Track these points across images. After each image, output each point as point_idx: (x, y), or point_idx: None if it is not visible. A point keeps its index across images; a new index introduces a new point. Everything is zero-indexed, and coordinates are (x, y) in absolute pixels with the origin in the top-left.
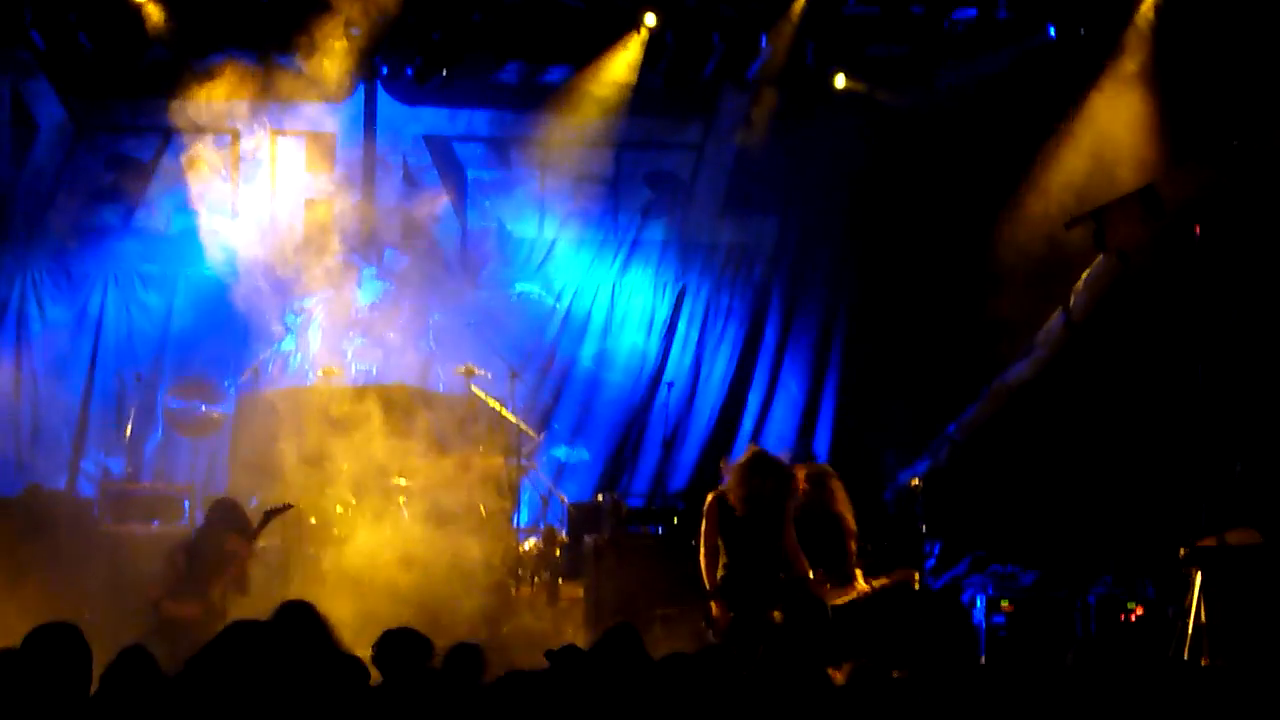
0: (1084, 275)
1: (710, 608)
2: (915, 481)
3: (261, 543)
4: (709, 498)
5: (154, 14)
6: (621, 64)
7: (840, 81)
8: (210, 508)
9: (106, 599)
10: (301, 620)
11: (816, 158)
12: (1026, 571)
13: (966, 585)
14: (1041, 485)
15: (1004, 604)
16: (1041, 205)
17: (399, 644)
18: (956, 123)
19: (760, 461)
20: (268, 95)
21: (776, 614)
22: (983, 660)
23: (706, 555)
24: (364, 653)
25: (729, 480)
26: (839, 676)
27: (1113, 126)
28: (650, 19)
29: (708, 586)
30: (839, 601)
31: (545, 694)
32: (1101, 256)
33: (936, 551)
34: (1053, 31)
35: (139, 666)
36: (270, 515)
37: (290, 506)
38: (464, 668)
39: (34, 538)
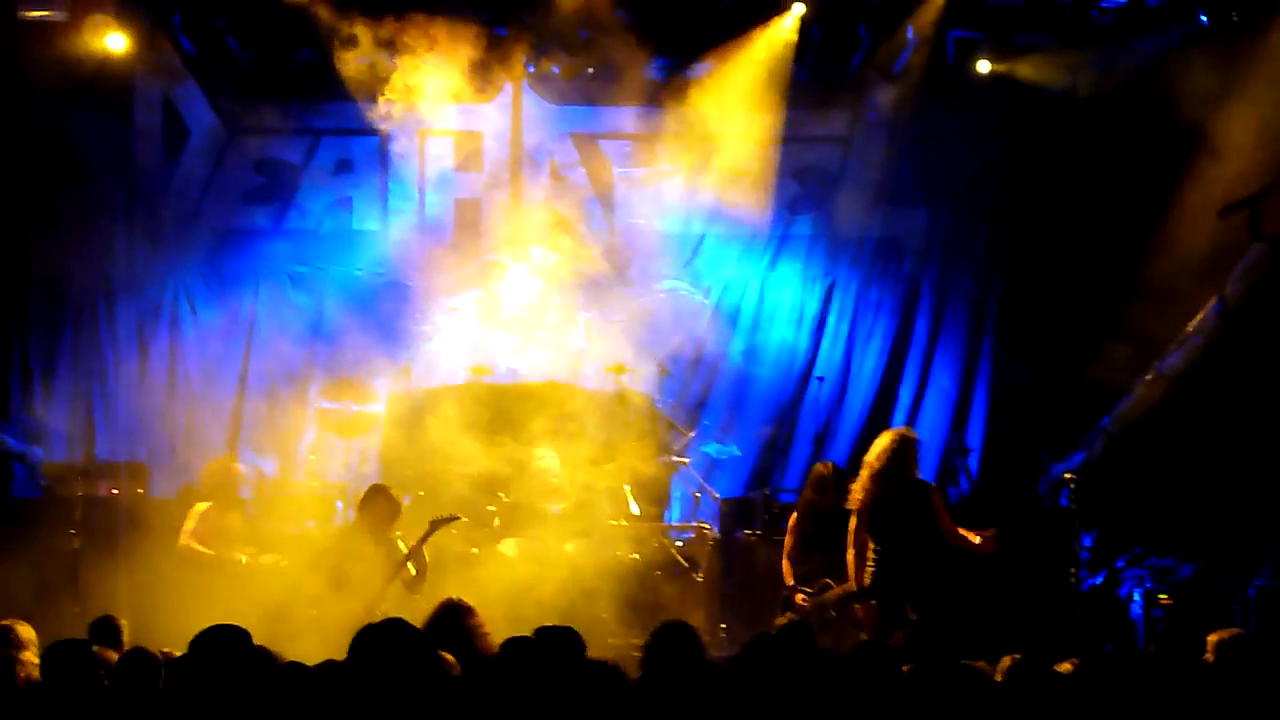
0: (1239, 263)
1: (856, 608)
2: (1069, 474)
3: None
4: (856, 496)
5: (323, 14)
6: (768, 58)
7: (984, 67)
8: (371, 501)
9: (264, 600)
10: (454, 621)
11: (964, 148)
12: (1185, 564)
13: (1124, 578)
14: (1199, 476)
15: (1162, 597)
16: (1196, 193)
17: (553, 641)
18: (1106, 111)
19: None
20: (416, 96)
21: (909, 610)
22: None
23: (855, 551)
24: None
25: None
26: (994, 671)
27: (1268, 112)
28: (799, 7)
29: (854, 586)
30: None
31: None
32: (1257, 244)
33: (1091, 545)
34: (1205, 17)
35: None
36: (436, 525)
37: (457, 518)
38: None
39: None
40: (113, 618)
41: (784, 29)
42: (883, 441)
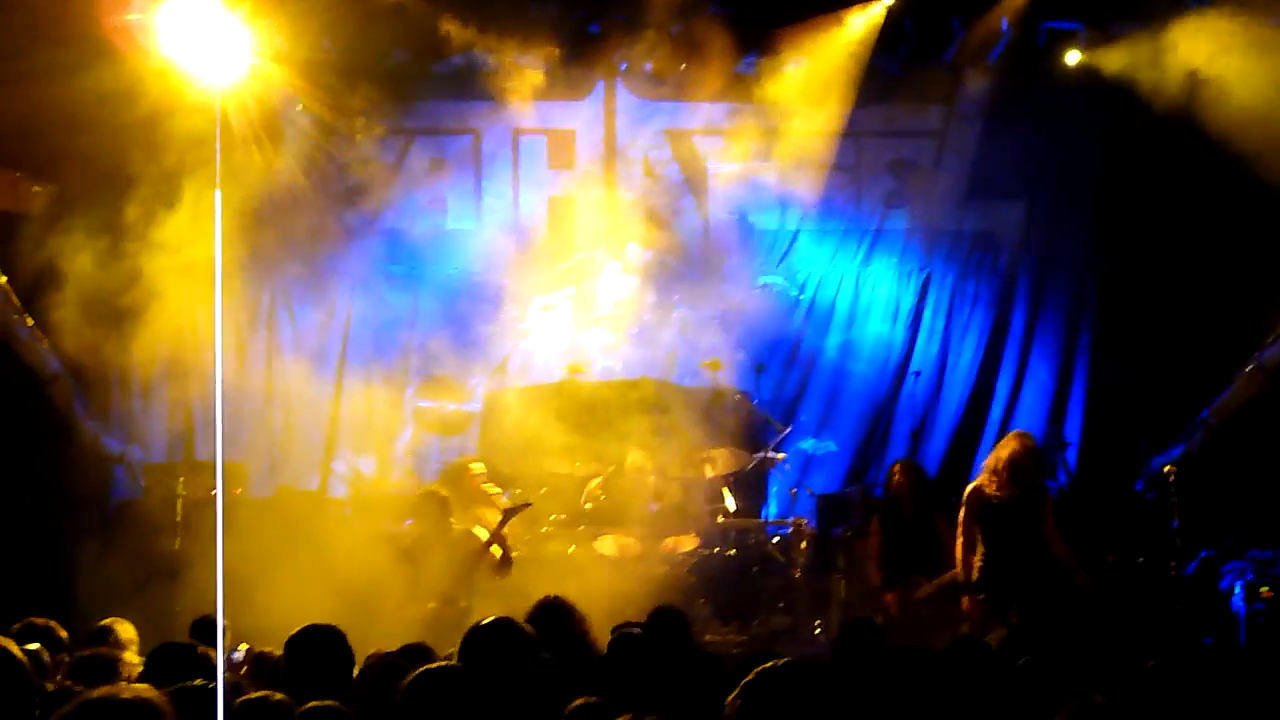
0: None
1: (963, 600)
2: (1169, 467)
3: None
4: (968, 488)
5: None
6: (859, 51)
7: (1073, 58)
8: (421, 503)
9: (361, 599)
10: (556, 616)
11: (1060, 139)
12: None
13: (1225, 572)
14: None
15: (1264, 590)
16: None
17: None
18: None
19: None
20: (509, 95)
21: (1014, 613)
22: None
23: (964, 546)
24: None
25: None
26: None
27: None
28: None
29: (962, 579)
30: None
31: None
32: None
33: (1191, 538)
34: None
35: (394, 669)
36: (509, 514)
37: (529, 505)
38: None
39: (288, 539)
40: (213, 618)
41: (873, 22)
42: (1011, 445)
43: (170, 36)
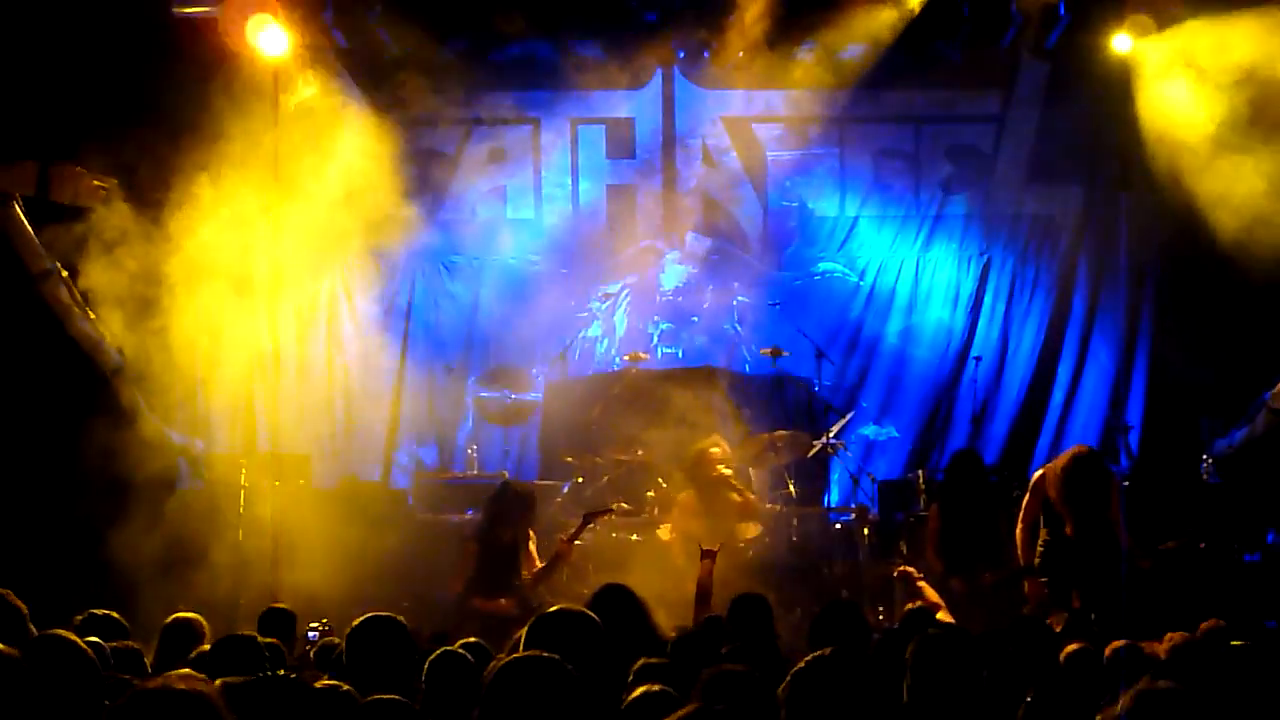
0: None
1: (1025, 583)
2: (1231, 449)
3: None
4: (1037, 474)
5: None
6: (918, 37)
7: (1123, 44)
8: (498, 496)
9: (424, 590)
10: (620, 603)
11: (1119, 123)
12: None
13: None
14: None
15: None
16: None
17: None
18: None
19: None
20: (567, 83)
21: (1075, 596)
22: None
23: (1025, 530)
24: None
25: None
26: (1159, 649)
27: None
28: None
29: (1022, 561)
30: None
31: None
32: None
33: (1255, 521)
34: None
35: (453, 658)
36: (590, 518)
37: (612, 511)
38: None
39: (352, 530)
40: (283, 607)
41: (931, 5)
42: (1064, 460)
43: (233, 29)
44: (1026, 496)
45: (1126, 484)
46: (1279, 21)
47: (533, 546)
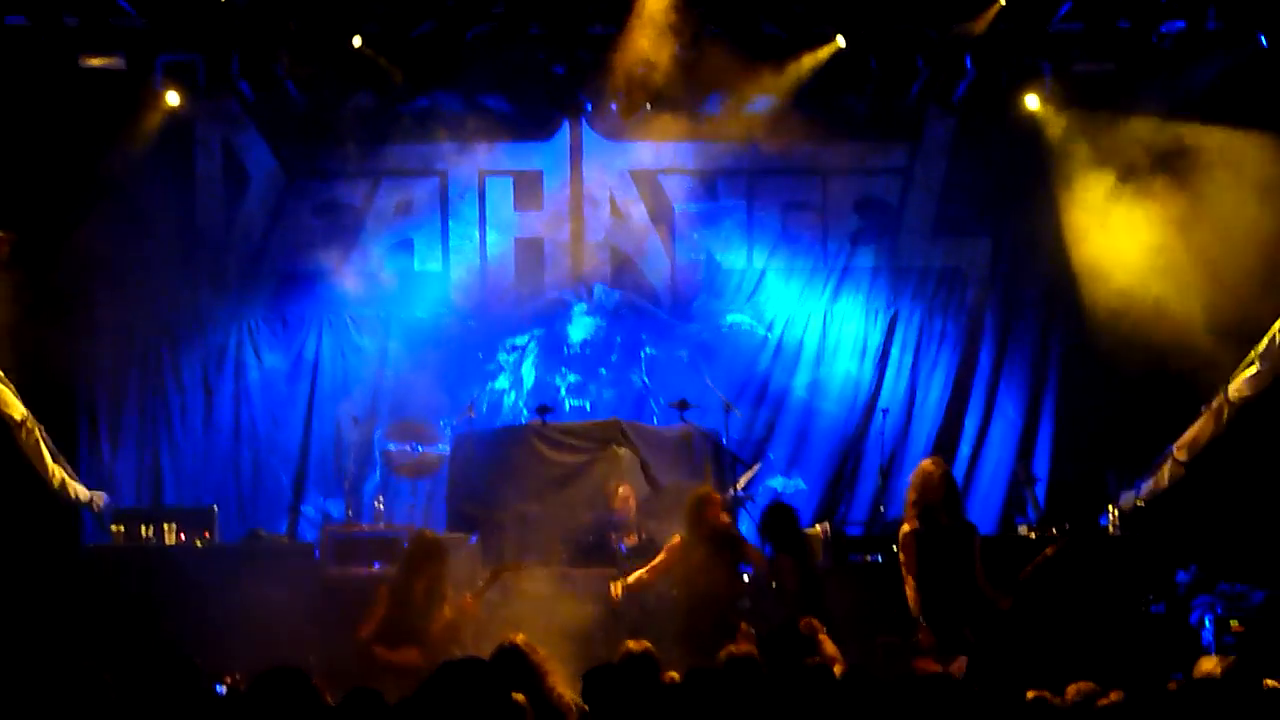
0: None
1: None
2: (1137, 501)
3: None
4: (904, 529)
5: (381, 59)
6: (825, 90)
7: (1032, 103)
8: (413, 546)
9: (330, 643)
10: (517, 663)
11: (1026, 175)
12: (1257, 590)
13: (1195, 605)
14: (1270, 501)
15: (1234, 624)
16: (1253, 214)
17: (610, 680)
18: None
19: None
20: (475, 136)
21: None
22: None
23: (913, 582)
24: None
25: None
26: (1057, 700)
27: None
28: (840, 40)
29: (915, 614)
30: None
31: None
32: None
33: (1160, 572)
34: (1264, 40)
35: (366, 709)
36: (498, 573)
37: (521, 566)
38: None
39: (257, 583)
40: (189, 658)
41: (836, 60)
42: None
43: (140, 81)
44: (901, 555)
45: (1033, 536)
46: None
47: (449, 601)
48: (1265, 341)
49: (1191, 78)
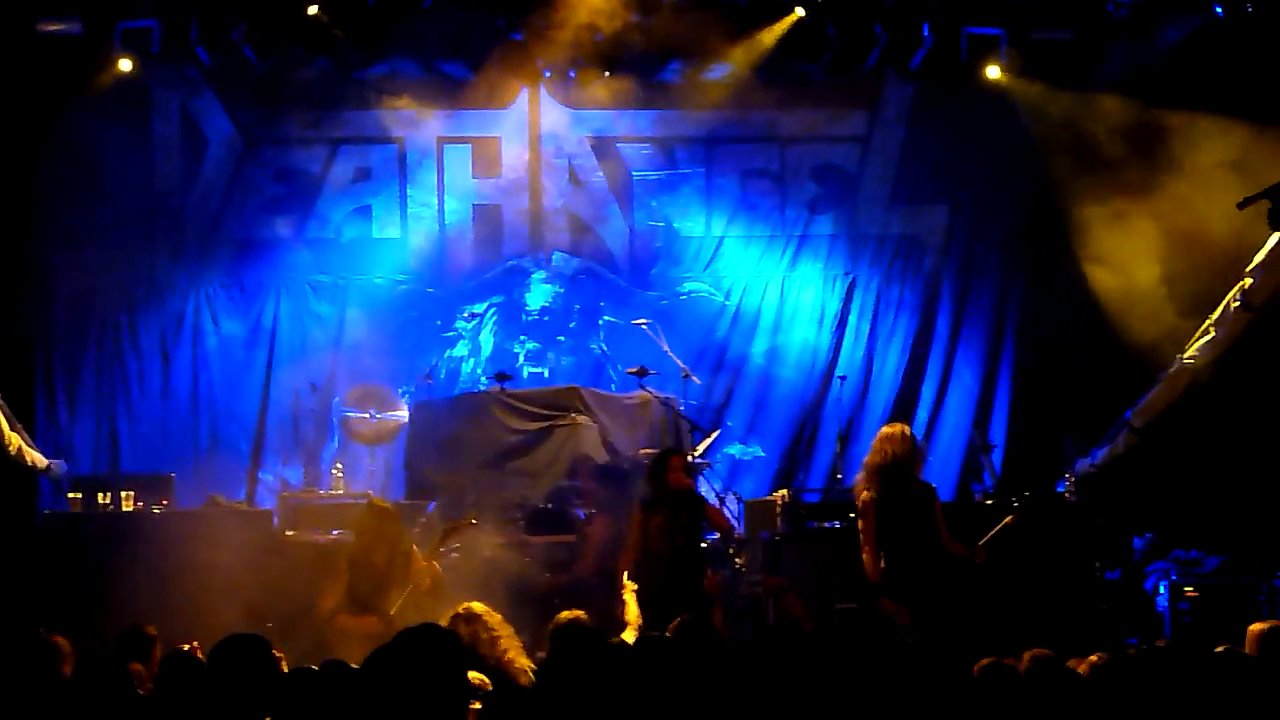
0: (1260, 255)
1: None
2: (1093, 468)
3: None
4: (865, 496)
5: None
6: (784, 57)
7: (993, 73)
8: (366, 515)
9: (289, 610)
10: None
11: (983, 144)
12: (1211, 556)
13: (1149, 572)
14: (1224, 468)
15: (1188, 590)
16: (1215, 184)
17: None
18: (1123, 105)
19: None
20: (433, 103)
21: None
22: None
23: (871, 552)
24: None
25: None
26: (1017, 665)
27: None
28: (800, 10)
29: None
30: None
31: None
32: (1277, 235)
33: (1115, 539)
34: (1220, 9)
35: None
36: (450, 531)
37: (474, 523)
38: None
39: (215, 550)
40: (142, 629)
41: (795, 28)
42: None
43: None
44: (860, 522)
45: (990, 503)
46: None
47: (409, 566)
48: (1220, 309)
49: (1150, 46)
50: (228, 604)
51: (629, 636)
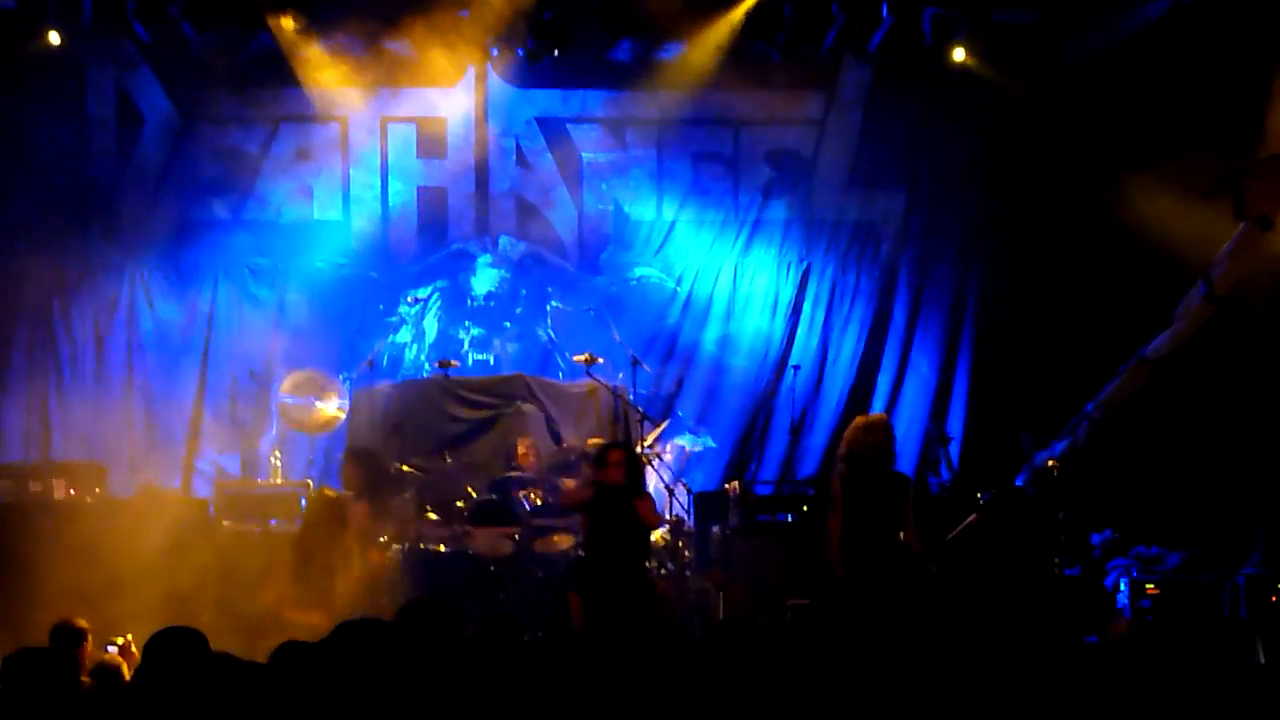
0: (1225, 245)
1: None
2: (1052, 462)
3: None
4: (835, 483)
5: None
6: (736, 37)
7: (959, 55)
8: (313, 505)
9: (226, 601)
10: (427, 618)
11: (942, 129)
12: (1172, 553)
13: (1110, 568)
14: (1185, 462)
15: (1149, 587)
16: (1179, 172)
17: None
18: (1087, 89)
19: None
20: (377, 82)
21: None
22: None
23: (835, 544)
24: None
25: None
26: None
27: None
28: None
29: (839, 575)
30: None
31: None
32: (1243, 225)
33: (1075, 534)
34: None
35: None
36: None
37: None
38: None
39: (150, 540)
40: (74, 621)
41: (749, 6)
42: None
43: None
44: (831, 511)
45: (946, 497)
46: None
47: (357, 556)
48: (1184, 300)
49: (1112, 30)
50: (161, 596)
51: None
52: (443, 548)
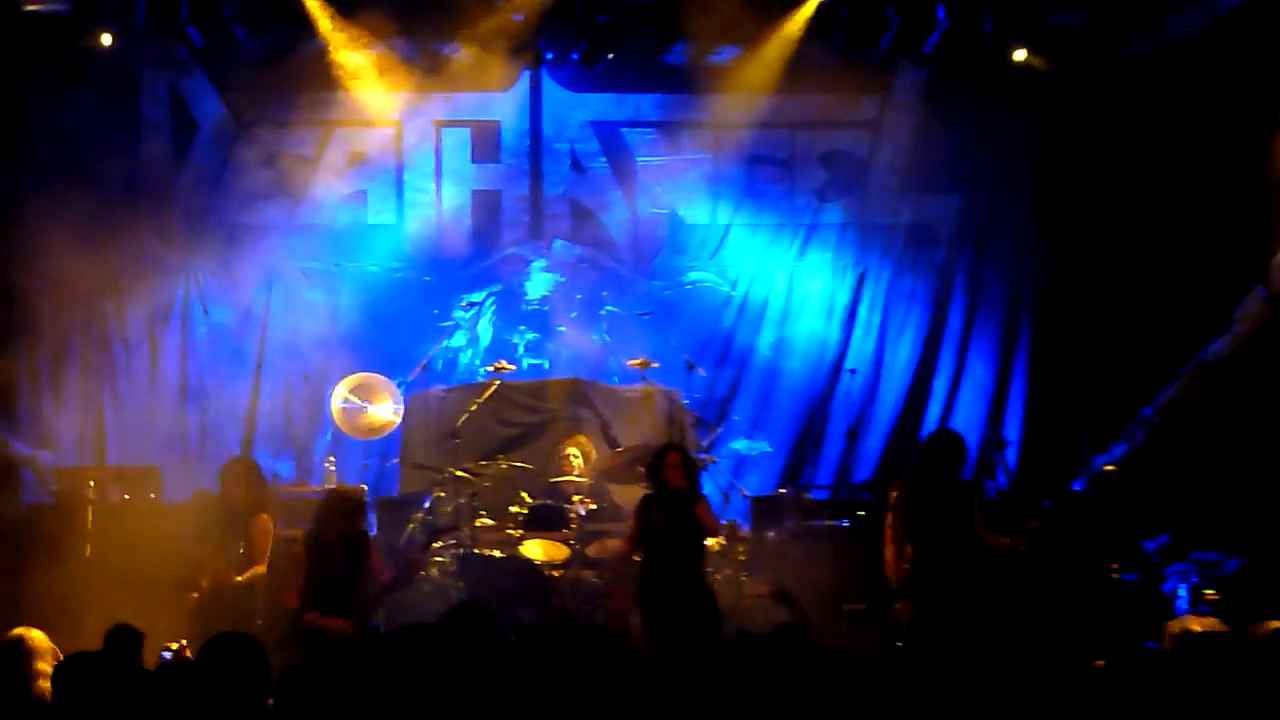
0: None
1: (896, 608)
2: (1110, 467)
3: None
4: (892, 491)
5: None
6: (792, 40)
7: (1020, 55)
8: (327, 505)
9: (279, 606)
10: (474, 623)
11: (999, 132)
12: (1231, 558)
13: (1169, 574)
14: (1244, 466)
15: (1208, 593)
16: (1242, 172)
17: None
18: (1146, 91)
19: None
20: (431, 86)
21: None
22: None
23: (893, 550)
24: None
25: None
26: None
27: None
28: None
29: (893, 585)
30: None
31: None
32: None
33: (1134, 539)
34: None
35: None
36: (436, 535)
37: (456, 529)
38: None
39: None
40: (130, 626)
41: (806, 9)
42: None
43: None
44: (889, 515)
45: (1003, 502)
46: None
47: (376, 559)
48: (1242, 303)
49: (1172, 30)
50: (217, 600)
51: None
52: (497, 553)
